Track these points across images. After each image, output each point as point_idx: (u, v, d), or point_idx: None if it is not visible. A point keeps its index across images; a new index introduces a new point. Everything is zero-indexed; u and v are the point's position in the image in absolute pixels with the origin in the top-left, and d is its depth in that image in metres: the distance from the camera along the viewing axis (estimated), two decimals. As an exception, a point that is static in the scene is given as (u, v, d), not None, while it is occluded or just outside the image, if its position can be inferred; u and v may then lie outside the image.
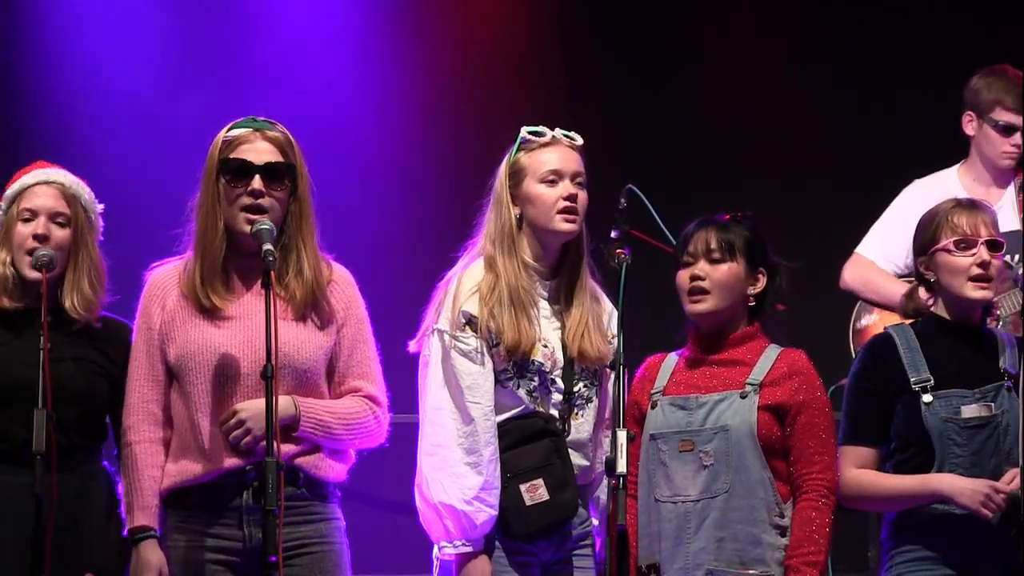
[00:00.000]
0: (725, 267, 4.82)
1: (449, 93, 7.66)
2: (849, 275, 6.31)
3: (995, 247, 4.91)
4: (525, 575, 4.81)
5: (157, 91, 7.46)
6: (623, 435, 4.50)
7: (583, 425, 4.89)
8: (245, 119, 4.77)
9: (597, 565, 4.91)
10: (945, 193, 6.17)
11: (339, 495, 4.76)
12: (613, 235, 4.96)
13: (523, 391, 4.83)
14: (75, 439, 4.82)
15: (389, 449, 4.84)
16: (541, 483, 4.78)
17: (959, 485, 4.75)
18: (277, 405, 4.47)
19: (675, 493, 4.75)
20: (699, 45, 7.64)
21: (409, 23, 7.71)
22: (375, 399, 4.78)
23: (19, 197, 4.91)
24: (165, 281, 4.76)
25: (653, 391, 4.85)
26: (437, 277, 4.94)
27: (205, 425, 4.65)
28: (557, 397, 4.87)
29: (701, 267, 4.83)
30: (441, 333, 4.82)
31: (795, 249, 6.33)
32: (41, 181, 4.92)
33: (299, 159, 4.75)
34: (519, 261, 4.86)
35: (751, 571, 4.68)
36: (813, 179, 7.21)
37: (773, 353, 4.83)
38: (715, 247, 4.83)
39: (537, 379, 4.84)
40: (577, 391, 4.88)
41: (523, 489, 4.77)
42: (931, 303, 4.97)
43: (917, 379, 4.84)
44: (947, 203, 5.02)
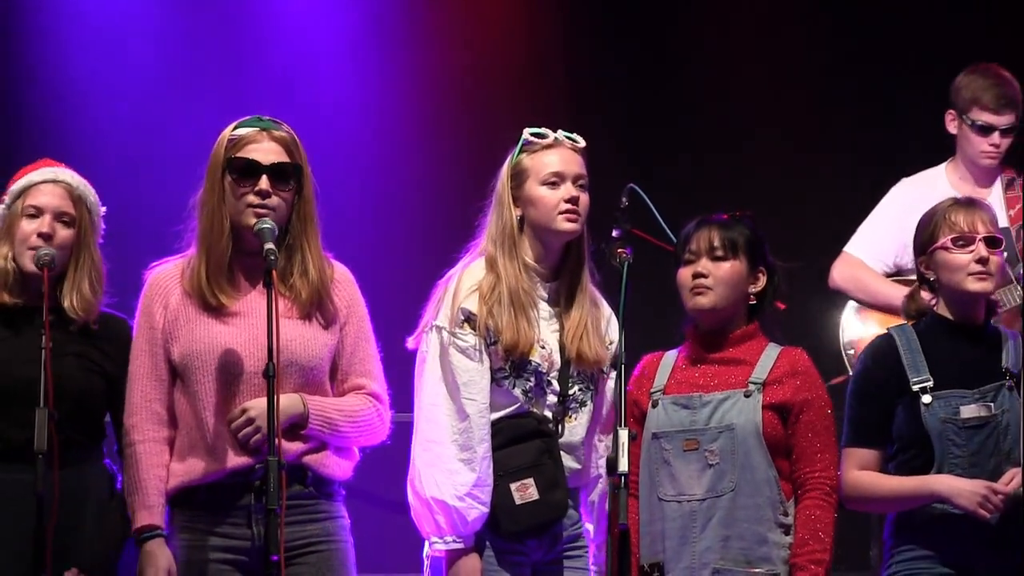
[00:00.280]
0: (728, 265, 4.82)
1: (450, 94, 7.66)
2: (838, 274, 6.30)
3: (994, 243, 4.90)
4: (516, 575, 4.80)
5: (157, 91, 7.46)
6: (624, 434, 4.50)
7: (576, 428, 4.88)
8: (251, 118, 4.75)
9: (592, 568, 4.91)
10: (934, 190, 6.18)
11: (344, 494, 4.76)
12: (614, 234, 4.97)
13: (519, 390, 4.82)
14: (72, 435, 4.79)
15: (386, 448, 4.83)
16: (531, 483, 4.77)
17: (957, 486, 4.75)
18: (279, 404, 4.45)
19: (680, 492, 4.74)
20: (699, 45, 7.65)
21: (410, 24, 7.71)
22: (378, 396, 4.79)
23: (25, 193, 4.89)
24: (166, 280, 4.74)
25: (653, 390, 4.85)
26: (437, 277, 4.93)
27: (212, 423, 4.63)
28: (552, 399, 4.86)
29: (704, 264, 4.82)
30: (439, 329, 4.81)
31: (795, 248, 6.33)
32: (48, 179, 4.91)
33: (304, 159, 4.74)
34: (520, 262, 4.86)
35: (757, 570, 4.68)
36: (814, 179, 7.21)
37: (774, 352, 4.84)
38: (718, 245, 4.82)
39: (533, 379, 4.83)
40: (572, 394, 4.88)
41: (513, 488, 4.76)
42: (933, 303, 4.97)
43: (917, 380, 4.84)
44: (945, 202, 5.02)
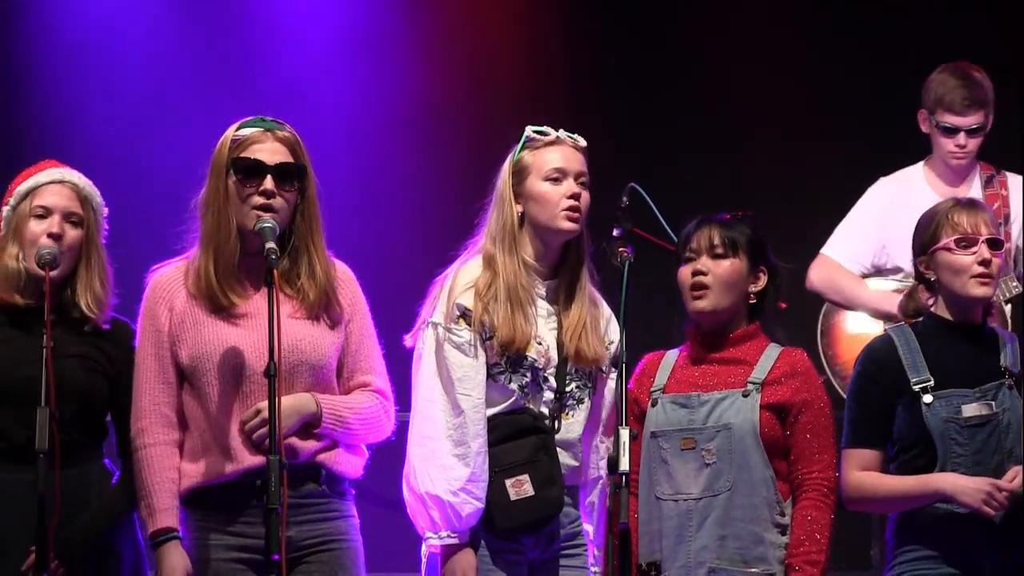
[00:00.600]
0: (727, 263, 4.82)
1: (450, 93, 7.66)
2: (815, 276, 6.30)
3: (996, 245, 4.90)
4: (513, 573, 4.80)
5: (158, 92, 7.47)
6: (626, 433, 4.50)
7: (573, 425, 4.88)
8: (253, 119, 4.75)
9: (592, 568, 4.90)
10: (911, 189, 6.20)
11: (354, 493, 4.76)
12: (615, 233, 4.97)
13: (515, 385, 4.82)
14: (75, 435, 4.81)
15: (385, 446, 4.84)
16: (527, 479, 4.77)
17: (961, 484, 4.75)
18: (280, 403, 4.46)
19: (677, 491, 4.74)
20: (700, 44, 7.64)
21: (410, 24, 7.71)
22: (383, 393, 4.80)
23: (32, 194, 4.89)
24: (170, 283, 4.74)
25: (653, 389, 4.85)
26: (436, 275, 4.94)
27: (224, 424, 4.63)
28: (549, 395, 4.86)
29: (703, 263, 4.83)
30: (435, 325, 4.82)
31: (796, 248, 6.37)
32: (55, 180, 4.91)
33: (307, 160, 4.74)
34: (519, 259, 4.86)
35: (753, 569, 4.68)
36: (815, 178, 7.21)
37: (774, 352, 4.83)
38: (718, 243, 4.82)
39: (529, 375, 4.83)
40: (569, 391, 4.87)
41: (508, 484, 4.76)
42: (931, 303, 4.97)
43: (917, 380, 4.83)
44: (946, 202, 5.01)
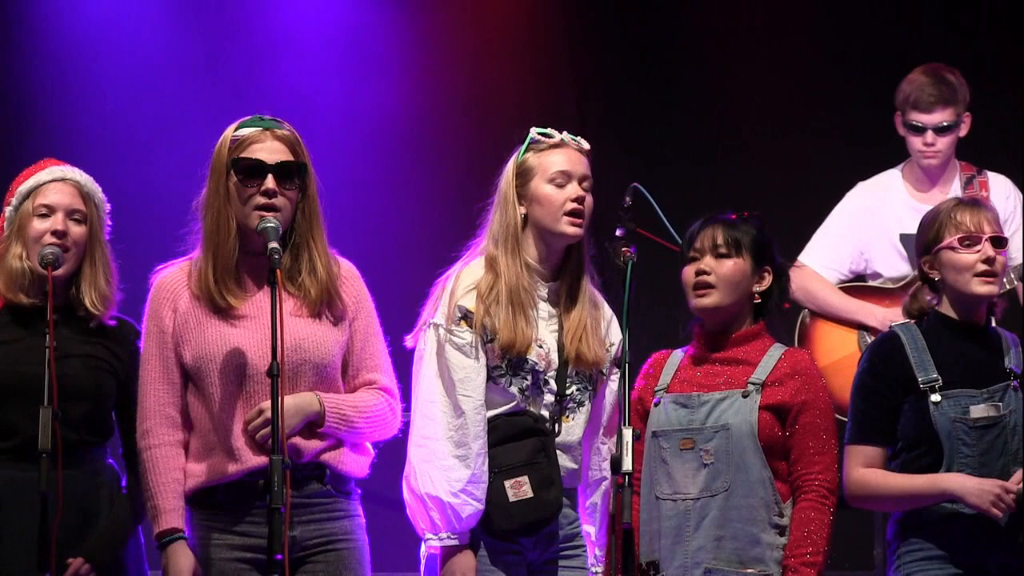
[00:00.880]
0: (731, 263, 4.82)
1: (453, 92, 7.66)
2: (792, 285, 6.29)
3: (999, 243, 4.89)
4: (512, 574, 4.81)
5: (158, 92, 7.48)
6: (628, 433, 4.50)
7: (573, 428, 4.88)
8: (252, 118, 4.75)
9: (592, 569, 4.91)
10: (888, 194, 6.20)
11: (360, 492, 4.77)
12: (618, 233, 4.97)
13: (515, 388, 4.82)
14: (82, 435, 4.83)
15: (386, 445, 4.84)
16: (526, 480, 4.78)
17: (968, 485, 4.75)
18: (283, 403, 4.47)
19: (675, 491, 4.74)
20: (703, 44, 7.64)
21: (414, 25, 7.71)
22: (389, 391, 4.80)
23: (34, 193, 4.92)
24: (173, 283, 4.75)
25: (657, 388, 4.85)
26: (438, 276, 4.94)
27: (228, 424, 4.64)
28: (549, 398, 4.86)
29: (707, 262, 4.83)
30: (436, 327, 4.82)
31: (801, 248, 6.37)
32: (57, 178, 4.94)
33: (307, 158, 4.74)
34: (522, 261, 4.86)
35: (749, 570, 4.68)
36: (818, 178, 7.20)
37: (777, 353, 4.83)
38: (721, 243, 4.82)
39: (530, 378, 4.84)
40: (570, 394, 4.88)
41: (507, 485, 4.77)
42: (935, 303, 4.96)
43: (925, 378, 4.83)
44: (949, 202, 5.01)
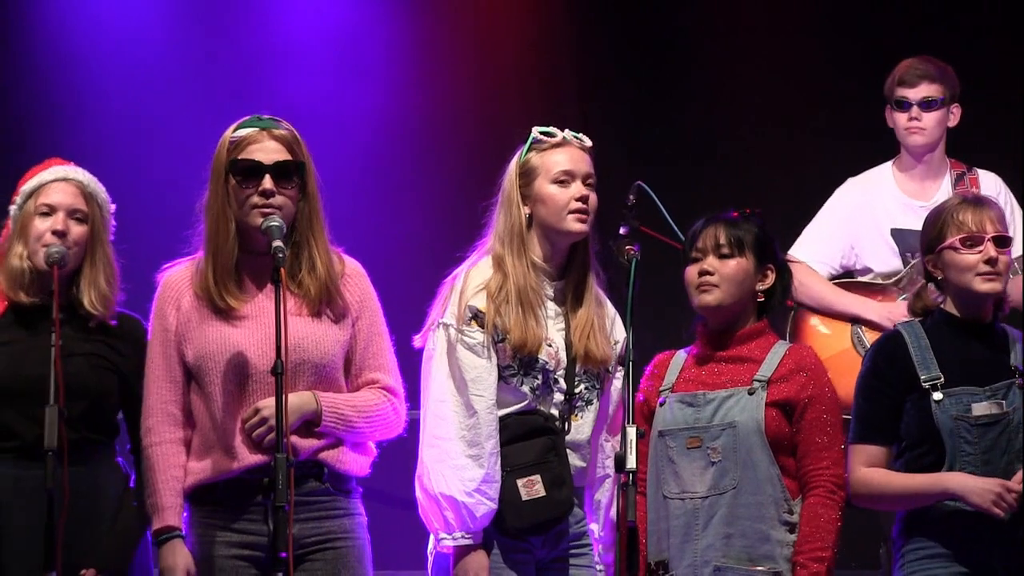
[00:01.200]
0: (734, 262, 4.82)
1: (457, 93, 7.67)
2: None
3: (1002, 243, 4.88)
4: (521, 573, 4.81)
5: (158, 92, 7.48)
6: (632, 431, 4.50)
7: (582, 426, 4.89)
8: (250, 118, 4.76)
9: (598, 566, 4.91)
10: (878, 189, 6.18)
11: (361, 491, 4.78)
12: (622, 231, 4.97)
13: (527, 387, 4.83)
14: (84, 433, 4.83)
15: (392, 444, 4.84)
16: (538, 479, 4.78)
17: (970, 484, 4.74)
18: (287, 402, 4.48)
19: (683, 490, 4.75)
20: (705, 44, 7.65)
21: (417, 24, 7.72)
22: (393, 390, 4.80)
23: (37, 192, 4.93)
24: (178, 282, 4.77)
25: (662, 388, 4.86)
26: (444, 276, 4.94)
27: (228, 423, 4.65)
28: (559, 397, 4.87)
29: (710, 262, 4.83)
30: (447, 327, 4.82)
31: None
32: (60, 178, 4.95)
33: (306, 156, 4.75)
34: (528, 261, 4.87)
35: (759, 567, 4.68)
36: (821, 177, 7.20)
37: (781, 349, 4.84)
38: (724, 242, 4.83)
39: (541, 377, 4.84)
40: (579, 392, 4.88)
41: (520, 484, 4.77)
42: (940, 301, 4.96)
43: (927, 377, 4.82)
44: (952, 200, 4.99)
